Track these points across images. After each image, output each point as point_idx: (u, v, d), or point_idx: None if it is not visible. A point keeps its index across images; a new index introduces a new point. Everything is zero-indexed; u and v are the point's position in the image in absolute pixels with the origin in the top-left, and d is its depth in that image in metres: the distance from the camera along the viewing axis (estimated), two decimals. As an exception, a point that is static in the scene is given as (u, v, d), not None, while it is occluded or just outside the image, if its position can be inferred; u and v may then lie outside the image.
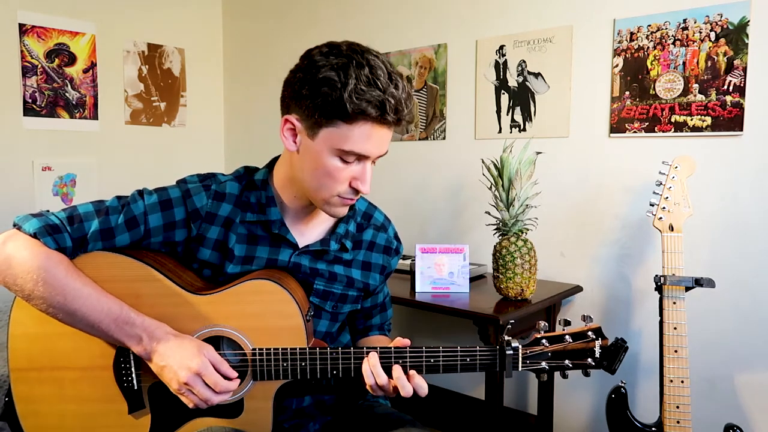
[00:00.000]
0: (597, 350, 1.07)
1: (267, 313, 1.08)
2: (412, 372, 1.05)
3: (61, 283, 1.02)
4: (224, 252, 1.15)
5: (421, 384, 1.05)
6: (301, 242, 1.18)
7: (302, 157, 1.09)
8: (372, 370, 1.05)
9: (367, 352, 1.06)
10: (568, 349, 1.07)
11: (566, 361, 1.07)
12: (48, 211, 1.09)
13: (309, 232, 1.20)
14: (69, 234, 1.07)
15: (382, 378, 1.04)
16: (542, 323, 1.08)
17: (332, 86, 0.99)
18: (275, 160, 1.21)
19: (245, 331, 1.08)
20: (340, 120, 1.01)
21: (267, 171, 1.20)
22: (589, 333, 1.07)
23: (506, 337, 1.07)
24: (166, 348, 1.03)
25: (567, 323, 1.08)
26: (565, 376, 1.10)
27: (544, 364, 1.07)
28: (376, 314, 1.35)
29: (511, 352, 1.06)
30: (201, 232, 1.14)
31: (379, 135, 1.04)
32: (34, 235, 1.04)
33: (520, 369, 1.07)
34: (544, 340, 1.07)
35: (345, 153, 1.04)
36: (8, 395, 1.11)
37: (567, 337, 1.07)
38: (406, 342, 1.08)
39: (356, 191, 1.09)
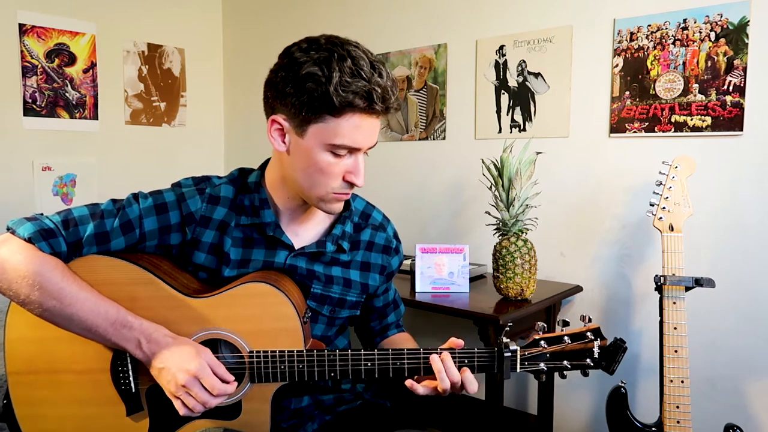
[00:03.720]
0: (596, 351, 1.06)
1: (264, 315, 1.07)
2: (464, 369, 1.06)
3: (57, 288, 1.01)
4: (220, 256, 1.14)
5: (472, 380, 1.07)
6: (297, 244, 1.17)
7: (293, 156, 1.07)
8: (447, 371, 1.04)
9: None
10: (566, 350, 1.06)
11: (565, 362, 1.06)
12: (42, 214, 1.08)
13: (305, 234, 1.19)
14: (64, 238, 1.05)
15: (456, 376, 1.04)
16: (540, 324, 1.07)
17: (317, 81, 0.98)
18: (268, 161, 1.19)
19: (242, 334, 1.08)
20: (328, 114, 1.00)
21: (260, 173, 1.19)
22: (588, 333, 1.07)
23: (505, 339, 1.06)
24: (165, 351, 1.02)
25: (566, 324, 1.07)
26: (563, 377, 1.09)
27: (542, 365, 1.06)
28: (390, 312, 1.34)
29: (510, 354, 1.05)
30: (196, 236, 1.14)
31: (369, 125, 1.04)
32: (29, 240, 1.03)
33: (518, 371, 1.06)
34: (542, 342, 1.07)
35: (336, 147, 1.03)
36: (6, 397, 1.11)
37: (566, 338, 1.06)
38: (460, 343, 1.08)
39: (350, 185, 1.08)
